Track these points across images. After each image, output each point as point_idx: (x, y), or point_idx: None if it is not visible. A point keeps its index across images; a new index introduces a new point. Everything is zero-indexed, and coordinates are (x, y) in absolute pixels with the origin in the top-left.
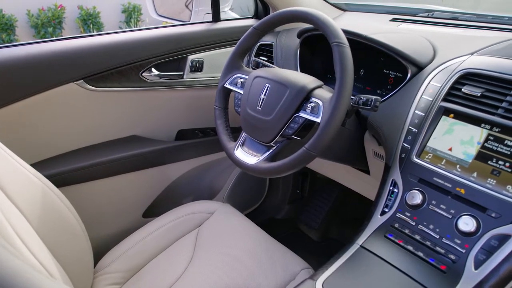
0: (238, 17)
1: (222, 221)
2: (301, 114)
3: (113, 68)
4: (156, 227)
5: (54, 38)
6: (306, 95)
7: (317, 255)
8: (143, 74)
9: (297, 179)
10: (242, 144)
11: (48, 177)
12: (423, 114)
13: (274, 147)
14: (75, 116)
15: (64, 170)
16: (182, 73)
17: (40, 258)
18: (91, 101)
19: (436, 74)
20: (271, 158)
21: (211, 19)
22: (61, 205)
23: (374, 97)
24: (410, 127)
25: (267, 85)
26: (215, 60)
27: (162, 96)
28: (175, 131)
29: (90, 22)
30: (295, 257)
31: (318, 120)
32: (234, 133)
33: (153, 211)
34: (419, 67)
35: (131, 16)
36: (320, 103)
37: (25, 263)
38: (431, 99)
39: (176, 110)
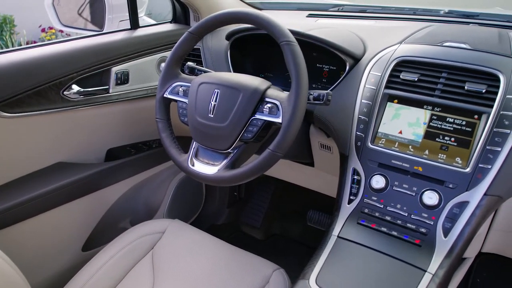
0: (156, 22)
1: (177, 239)
2: (258, 116)
3: (30, 89)
4: (105, 259)
5: None
6: (261, 97)
7: (265, 254)
8: (64, 92)
9: None
10: (195, 155)
11: None
12: (370, 102)
13: (232, 154)
14: None
15: None
16: (107, 87)
17: None
18: (6, 131)
19: (374, 64)
20: (231, 165)
21: (129, 27)
22: None
23: (325, 91)
24: (360, 116)
25: (216, 90)
26: (141, 69)
27: (88, 114)
28: (104, 151)
29: None
30: (262, 260)
31: (278, 120)
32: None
33: (93, 243)
34: (356, 59)
35: (2, 28)
36: (278, 103)
37: None
38: (374, 88)
39: (104, 128)
